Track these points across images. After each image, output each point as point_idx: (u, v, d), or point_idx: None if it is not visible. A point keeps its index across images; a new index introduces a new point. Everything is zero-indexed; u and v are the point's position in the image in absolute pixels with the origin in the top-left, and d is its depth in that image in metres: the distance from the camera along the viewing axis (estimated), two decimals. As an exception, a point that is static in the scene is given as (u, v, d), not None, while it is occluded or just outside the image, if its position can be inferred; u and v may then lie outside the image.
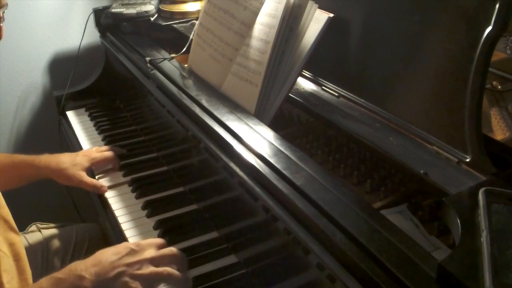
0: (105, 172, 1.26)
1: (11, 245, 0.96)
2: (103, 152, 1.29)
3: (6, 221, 0.96)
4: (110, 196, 1.19)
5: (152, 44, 1.41)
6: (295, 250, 0.75)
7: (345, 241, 0.65)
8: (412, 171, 0.79)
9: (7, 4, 0.96)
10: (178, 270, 0.89)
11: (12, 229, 0.97)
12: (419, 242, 0.64)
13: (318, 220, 0.69)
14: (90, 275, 0.81)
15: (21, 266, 0.94)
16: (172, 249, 0.92)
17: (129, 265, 0.84)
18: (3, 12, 0.96)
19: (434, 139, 0.81)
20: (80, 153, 1.27)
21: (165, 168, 1.27)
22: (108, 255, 0.85)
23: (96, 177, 1.26)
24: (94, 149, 1.31)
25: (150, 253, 0.88)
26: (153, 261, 0.87)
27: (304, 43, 0.98)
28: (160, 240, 0.94)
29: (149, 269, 0.85)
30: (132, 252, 0.86)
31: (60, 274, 0.83)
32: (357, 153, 0.96)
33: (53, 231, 1.28)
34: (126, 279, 0.82)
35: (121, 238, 1.06)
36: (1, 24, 0.97)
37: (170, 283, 0.89)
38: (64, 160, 1.22)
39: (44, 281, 0.84)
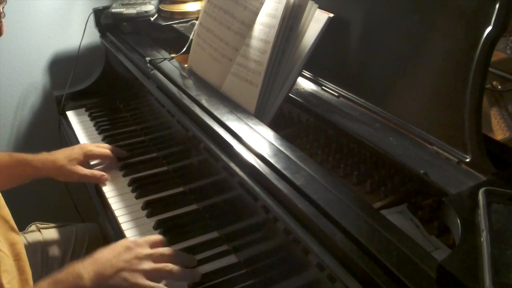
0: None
1: (12, 245, 0.96)
2: (101, 147, 1.29)
3: (6, 221, 0.95)
4: (110, 196, 1.19)
5: (152, 44, 1.41)
6: (295, 250, 0.75)
7: (345, 241, 0.65)
8: (412, 171, 0.79)
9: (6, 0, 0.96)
10: (184, 266, 0.91)
11: (12, 229, 0.96)
12: (419, 242, 0.64)
13: (318, 220, 0.69)
14: (89, 274, 0.83)
15: (21, 267, 0.94)
16: (169, 249, 0.93)
17: (127, 261, 0.86)
18: (3, 8, 0.96)
19: (434, 139, 0.81)
20: (75, 147, 1.27)
21: (165, 168, 1.27)
22: (106, 254, 0.87)
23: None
24: (95, 145, 1.30)
25: (148, 250, 0.89)
26: (151, 258, 0.88)
27: (304, 43, 0.98)
28: (156, 237, 0.95)
29: (149, 264, 0.87)
30: (129, 249, 0.88)
31: (59, 275, 0.84)
32: (357, 153, 0.96)
33: (53, 231, 1.28)
34: (126, 275, 0.84)
35: (121, 238, 1.05)
36: (2, 19, 0.97)
37: (172, 278, 0.90)
38: (60, 157, 1.22)
39: (44, 283, 0.85)
